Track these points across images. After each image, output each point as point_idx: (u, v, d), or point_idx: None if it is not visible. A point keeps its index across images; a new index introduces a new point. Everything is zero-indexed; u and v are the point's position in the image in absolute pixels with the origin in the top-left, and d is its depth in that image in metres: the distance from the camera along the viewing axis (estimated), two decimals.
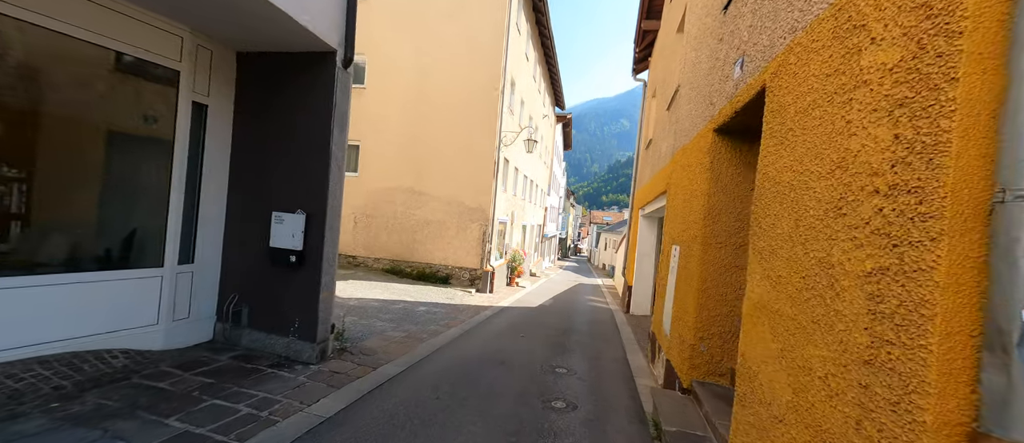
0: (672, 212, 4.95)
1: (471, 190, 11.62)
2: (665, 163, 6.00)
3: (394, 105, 12.07)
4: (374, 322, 6.17)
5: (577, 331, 7.36)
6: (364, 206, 12.25)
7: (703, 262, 3.49)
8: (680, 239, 4.30)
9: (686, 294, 3.75)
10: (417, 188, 11.94)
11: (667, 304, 4.64)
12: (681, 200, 4.46)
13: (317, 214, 4.00)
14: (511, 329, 6.95)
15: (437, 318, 7.10)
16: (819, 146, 1.72)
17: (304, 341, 4.00)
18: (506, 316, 8.21)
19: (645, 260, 9.77)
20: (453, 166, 11.71)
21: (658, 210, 7.60)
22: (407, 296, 8.86)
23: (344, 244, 12.33)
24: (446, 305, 8.54)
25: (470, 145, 11.60)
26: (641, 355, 5.92)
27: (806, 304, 1.69)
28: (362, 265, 12.20)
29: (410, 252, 11.97)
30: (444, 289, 10.69)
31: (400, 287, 9.89)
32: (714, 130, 3.48)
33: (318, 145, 4.00)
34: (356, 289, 8.76)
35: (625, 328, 8.00)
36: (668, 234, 5.09)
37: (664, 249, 5.27)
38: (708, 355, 3.47)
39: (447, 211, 11.77)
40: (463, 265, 11.68)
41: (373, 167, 12.19)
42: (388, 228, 12.10)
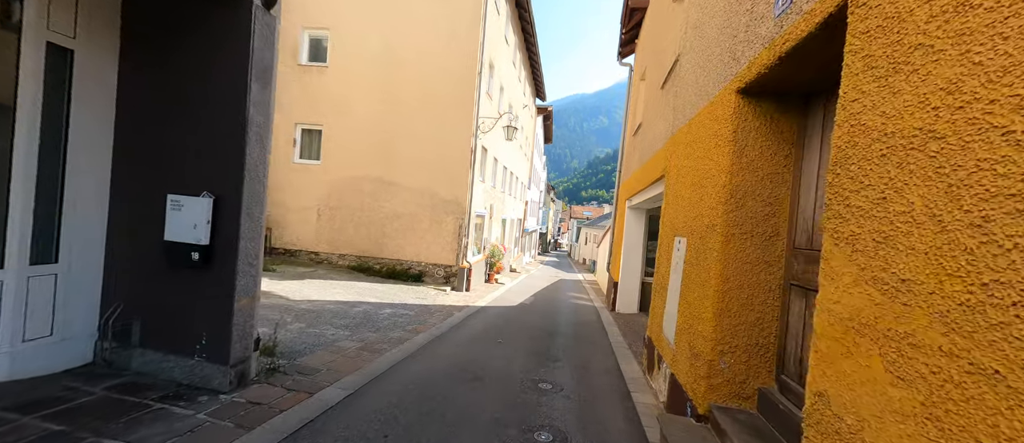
0: (673, 199, 4.25)
1: (446, 180, 10.71)
2: (661, 144, 5.31)
3: (360, 86, 10.97)
4: (325, 330, 5.24)
5: (561, 333, 6.64)
6: (328, 197, 11.14)
7: (724, 257, 2.78)
8: (687, 230, 3.60)
9: (700, 297, 3.05)
10: (386, 178, 10.93)
11: (669, 306, 3.95)
12: (687, 184, 3.75)
13: (230, 197, 3.06)
14: (488, 333, 6.15)
15: (403, 322, 6.21)
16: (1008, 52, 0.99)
17: (214, 363, 3.07)
18: (483, 317, 7.41)
19: (632, 254, 9.16)
20: (426, 154, 10.76)
21: (650, 200, 6.95)
22: (372, 296, 7.91)
23: (305, 239, 11.20)
24: (416, 306, 7.66)
25: (445, 131, 10.67)
26: (635, 362, 5.24)
27: (989, 332, 0.96)
28: (326, 262, 11.11)
29: (379, 248, 10.97)
30: (416, 288, 9.77)
31: (366, 286, 8.91)
32: (738, 91, 2.76)
33: (231, 107, 3.06)
34: (313, 289, 7.74)
35: (612, 328, 7.35)
36: (668, 225, 4.40)
37: (662, 242, 4.58)
38: (730, 373, 2.78)
39: (420, 203, 10.82)
40: (437, 261, 10.78)
41: (337, 154, 11.08)
42: (355, 221, 11.04)
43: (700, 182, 3.34)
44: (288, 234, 11.27)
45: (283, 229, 11.29)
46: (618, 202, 10.81)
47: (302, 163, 11.23)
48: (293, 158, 11.24)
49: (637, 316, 8.75)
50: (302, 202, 11.20)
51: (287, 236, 11.28)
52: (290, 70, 11.11)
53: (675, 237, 4.02)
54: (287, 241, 11.28)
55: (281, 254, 11.25)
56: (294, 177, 11.20)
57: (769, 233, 2.76)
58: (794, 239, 2.64)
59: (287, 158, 11.22)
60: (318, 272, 9.83)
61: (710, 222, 3.00)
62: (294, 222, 11.24)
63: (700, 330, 2.97)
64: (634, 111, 9.50)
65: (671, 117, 4.89)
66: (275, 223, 11.31)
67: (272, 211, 11.29)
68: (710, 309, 2.84)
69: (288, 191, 11.23)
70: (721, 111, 3.01)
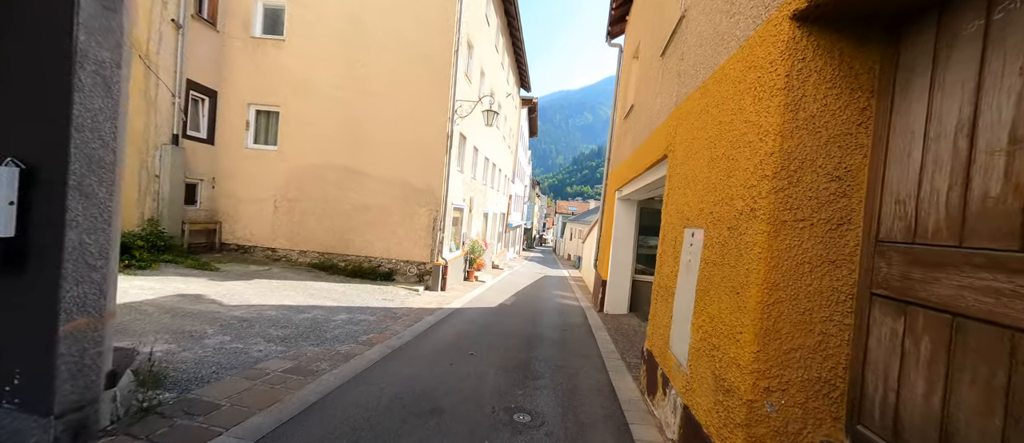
0: (682, 181, 3.43)
1: (419, 168, 9.70)
2: (661, 120, 4.49)
3: (323, 63, 9.82)
4: (254, 344, 4.24)
5: (544, 340, 5.80)
6: (286, 187, 9.98)
7: (771, 255, 1.95)
8: (705, 218, 2.77)
9: (733, 309, 2.22)
10: (353, 165, 9.84)
11: (677, 315, 3.13)
12: (704, 161, 2.92)
13: (48, 167, 2.06)
14: (460, 342, 5.25)
15: (358, 331, 5.25)
16: None
17: (27, 413, 2.08)
18: (457, 321, 6.50)
19: (622, 250, 8.39)
20: (397, 140, 9.72)
21: (645, 188, 6.14)
22: (329, 299, 6.89)
23: (261, 234, 10.03)
24: (379, 310, 6.68)
25: (418, 115, 9.65)
26: (629, 377, 4.43)
27: None
28: (284, 259, 9.98)
29: (344, 243, 9.90)
30: (385, 288, 8.77)
31: (324, 287, 7.87)
32: (794, 17, 1.92)
33: (48, 30, 2.05)
34: (257, 292, 6.67)
35: (601, 333, 6.55)
36: (673, 213, 3.58)
37: (666, 235, 3.76)
38: (779, 420, 1.96)
39: (390, 193, 9.79)
40: (409, 258, 9.79)
41: (297, 139, 9.92)
42: (317, 214, 9.93)
43: (728, 154, 2.50)
44: (241, 228, 10.07)
45: (235, 223, 10.08)
46: (606, 193, 10.03)
47: (257, 149, 10.03)
48: (246, 143, 10.02)
49: (627, 317, 7.99)
50: (257, 192, 10.01)
51: (240, 231, 10.08)
52: (242, 43, 9.86)
53: (685, 229, 3.20)
54: (240, 236, 10.08)
55: (233, 251, 10.05)
56: (248, 164, 10.00)
57: (837, 220, 1.94)
58: (878, 228, 1.83)
59: (239, 143, 9.99)
60: (272, 271, 8.72)
61: (747, 206, 2.17)
62: (248, 215, 10.05)
63: (734, 356, 2.14)
64: (624, 93, 8.70)
65: (675, 86, 4.06)
66: (226, 216, 10.09)
67: (222, 202, 10.07)
68: (750, 328, 2.01)
69: (241, 180, 10.02)
70: (763, 53, 2.16)
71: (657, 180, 4.96)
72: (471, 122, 11.58)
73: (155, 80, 8.16)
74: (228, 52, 9.85)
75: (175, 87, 8.58)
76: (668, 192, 3.86)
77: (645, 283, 8.71)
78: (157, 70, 8.18)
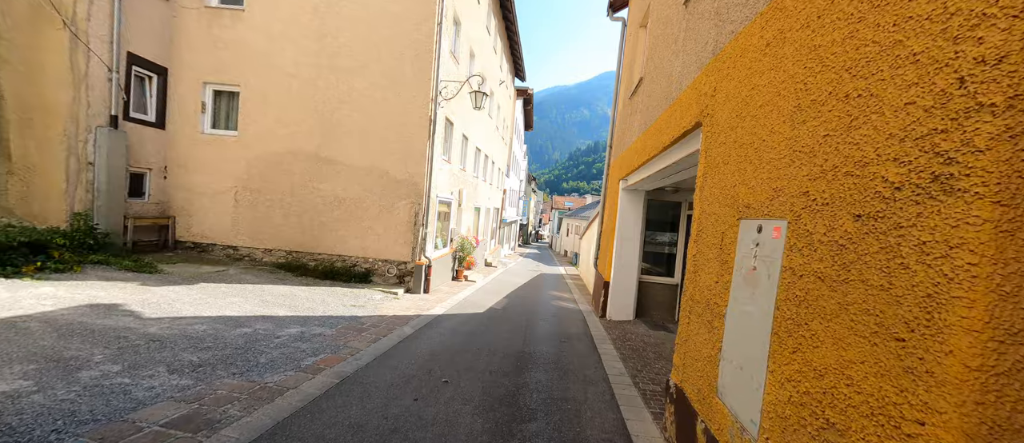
0: (733, 151, 2.40)
1: (399, 156, 8.62)
2: (688, 82, 3.45)
3: (288, 36, 8.67)
4: (147, 379, 3.17)
5: (538, 359, 4.78)
6: (248, 177, 8.85)
7: (1001, 264, 0.93)
8: (785, 203, 1.75)
9: (886, 362, 1.19)
10: (323, 153, 8.73)
11: (733, 348, 2.12)
12: (777, 116, 1.90)
13: None
14: (432, 365, 4.22)
15: (304, 352, 4.20)
16: None
17: None
18: (435, 334, 5.47)
19: (627, 247, 7.38)
20: (374, 124, 8.62)
21: (659, 174, 5.11)
22: (283, 307, 5.83)
23: (220, 230, 8.91)
24: (344, 320, 5.63)
25: (397, 95, 8.55)
26: (648, 414, 3.42)
27: None
28: (247, 258, 8.87)
29: (315, 241, 8.81)
30: (358, 291, 7.71)
31: (285, 292, 6.79)
32: None
33: None
34: (196, 299, 5.59)
35: (606, 347, 5.55)
36: (717, 198, 2.55)
37: (705, 230, 2.74)
38: None
39: (366, 184, 8.70)
40: (388, 257, 8.73)
41: (260, 123, 8.78)
42: (283, 208, 8.82)
43: (848, 92, 1.47)
44: (197, 224, 8.94)
45: (191, 218, 8.94)
46: (608, 184, 9.01)
47: (214, 134, 8.87)
48: (202, 128, 8.87)
49: (633, 325, 7.00)
50: (215, 184, 8.87)
51: (196, 227, 8.94)
52: (196, 14, 8.68)
53: (740, 220, 2.18)
54: (197, 233, 8.95)
55: (189, 249, 8.92)
56: (204, 152, 8.85)
57: None
58: None
59: (194, 127, 8.83)
60: (228, 273, 7.61)
61: (918, 172, 1.14)
62: (205, 209, 8.91)
63: None
64: (630, 69, 7.67)
65: (710, 33, 3.02)
66: (180, 210, 8.94)
67: (175, 195, 8.92)
68: (952, 414, 0.99)
69: (197, 169, 8.87)
70: None
71: (680, 161, 3.93)
72: (459, 108, 10.49)
73: (85, 51, 6.99)
74: (180, 24, 8.66)
75: (112, 60, 7.40)
76: (705, 171, 2.83)
77: (654, 285, 7.72)
78: (87, 39, 7.00)
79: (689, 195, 7.50)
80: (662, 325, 7.09)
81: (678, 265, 7.69)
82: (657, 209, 7.79)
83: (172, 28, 8.63)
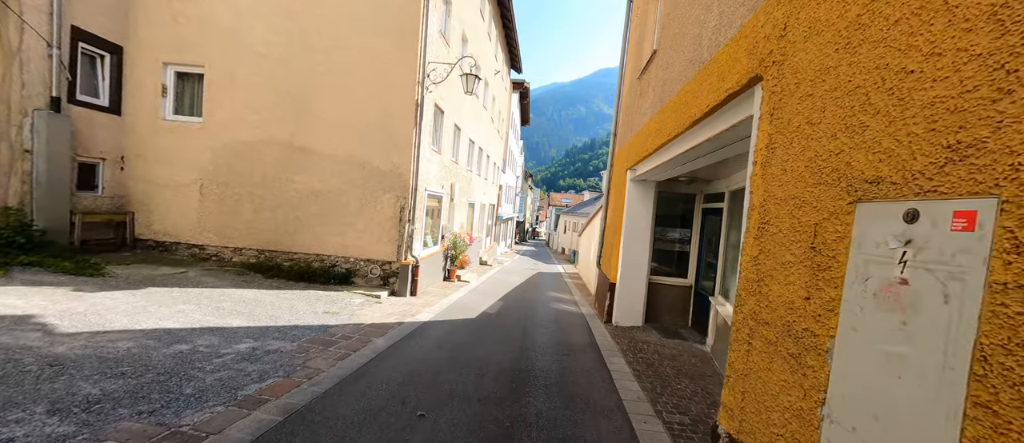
0: (850, 94, 1.61)
1: (381, 145, 7.79)
2: (733, 32, 2.65)
3: (258, 12, 7.79)
4: (11, 422, 2.36)
5: (537, 379, 4.00)
6: (214, 169, 7.98)
7: None
8: (992, 167, 0.95)
9: None
10: (298, 141, 7.88)
11: (843, 405, 1.33)
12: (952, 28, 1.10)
13: None
14: (406, 392, 3.43)
15: (248, 376, 3.39)
16: None
17: None
18: (417, 347, 4.67)
19: (636, 244, 6.61)
20: (353, 109, 7.78)
21: (680, 159, 4.30)
22: (241, 316, 5.00)
23: (185, 227, 8.05)
24: (312, 330, 4.82)
25: (380, 78, 7.71)
26: None
27: None
28: (214, 259, 8.01)
29: (290, 239, 7.97)
30: (336, 294, 6.90)
31: (250, 297, 5.97)
32: None
33: None
34: (137, 309, 4.75)
35: (617, 362, 4.77)
36: (806, 173, 1.77)
37: (772, 222, 1.95)
38: None
39: (346, 176, 7.86)
40: (371, 256, 7.91)
41: (227, 108, 7.91)
42: (255, 202, 7.97)
43: None
44: (159, 220, 8.07)
45: (152, 213, 8.07)
46: (612, 175, 8.23)
47: (177, 121, 7.99)
48: (163, 113, 7.98)
49: (643, 332, 6.24)
50: (178, 175, 8.00)
51: (158, 223, 8.07)
52: None
53: (856, 203, 1.39)
54: (158, 230, 8.08)
55: (151, 248, 8.05)
56: (166, 140, 7.97)
57: None
58: None
59: (154, 112, 7.95)
60: (188, 275, 6.76)
61: None
62: (168, 204, 8.04)
63: None
64: (638, 45, 6.86)
65: None
66: (140, 205, 8.07)
67: (134, 188, 8.05)
68: None
69: (157, 159, 8.00)
70: None
71: (715, 138, 3.13)
72: (450, 94, 9.66)
73: (17, 22, 6.10)
74: None
75: (53, 34, 6.51)
76: (772, 140, 2.03)
77: (665, 287, 6.96)
78: (20, 8, 6.11)
79: (705, 186, 6.73)
80: (675, 332, 6.34)
81: (692, 265, 6.92)
82: (667, 202, 7.02)
83: (127, 1, 7.73)
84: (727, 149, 3.52)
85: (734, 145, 3.34)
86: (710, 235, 6.46)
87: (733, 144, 3.30)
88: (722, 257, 5.64)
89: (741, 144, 3.21)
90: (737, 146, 3.37)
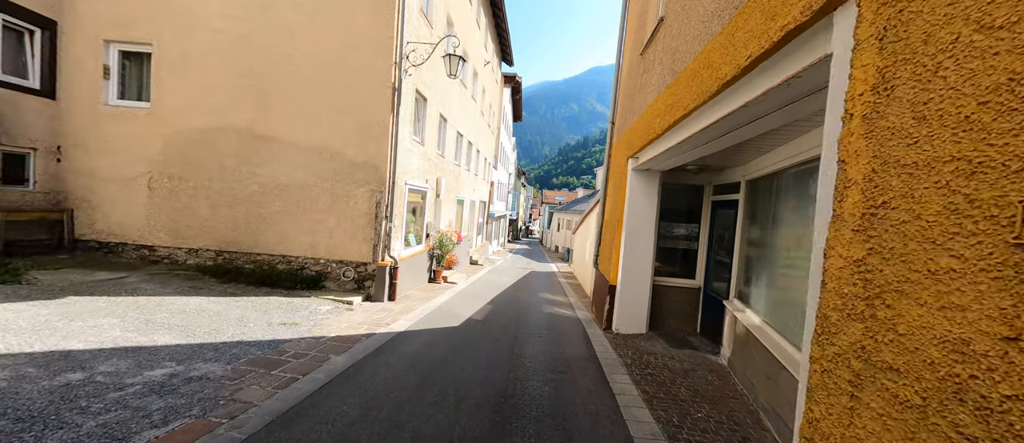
0: None
1: (354, 133, 6.97)
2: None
3: None
4: None
5: (527, 407, 3.25)
6: (165, 160, 7.10)
7: None
8: None
9: None
10: (260, 129, 7.02)
11: None
12: None
13: None
14: (355, 434, 2.65)
15: (148, 417, 2.59)
16: None
17: None
18: (383, 367, 3.90)
19: (639, 243, 5.90)
20: (322, 92, 6.95)
21: (693, 141, 3.58)
22: (171, 332, 4.18)
23: (132, 226, 7.16)
24: (259, 346, 4.02)
25: (351, 57, 6.88)
26: None
27: None
28: (165, 261, 7.13)
29: (252, 238, 7.12)
30: (302, 300, 6.09)
31: (193, 306, 5.13)
32: None
33: None
34: (40, 323, 3.90)
35: (620, 380, 4.04)
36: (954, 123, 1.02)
37: (896, 199, 1.22)
38: None
39: (314, 168, 7.03)
40: (344, 257, 7.10)
41: (179, 92, 7.03)
42: (211, 198, 7.10)
43: None
44: (103, 218, 7.16)
45: (94, 211, 7.16)
46: (610, 166, 7.51)
47: (122, 106, 7.09)
48: (106, 98, 7.07)
49: (649, 341, 5.53)
50: (124, 168, 7.10)
51: (101, 222, 7.17)
52: None
53: None
54: (102, 229, 7.17)
55: (94, 250, 7.14)
56: (109, 128, 7.06)
57: None
58: None
59: (94, 97, 7.03)
60: (125, 281, 5.88)
61: None
62: (113, 199, 7.14)
63: None
64: (640, 17, 6.13)
65: None
66: (81, 201, 7.15)
67: (74, 183, 7.13)
68: None
69: (100, 150, 7.09)
70: None
71: (758, 100, 2.40)
72: (435, 82, 8.86)
73: None
74: None
75: None
76: (900, 75, 1.29)
77: (671, 289, 6.25)
78: None
79: (715, 175, 6.03)
80: (683, 340, 5.64)
81: (700, 264, 6.23)
82: (672, 195, 6.31)
83: None
84: (763, 121, 2.79)
85: (776, 114, 2.61)
86: (721, 231, 5.77)
87: (776, 111, 2.56)
88: (738, 255, 4.95)
89: (792, 109, 2.48)
90: (777, 116, 2.65)
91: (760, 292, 4.16)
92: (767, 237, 4.22)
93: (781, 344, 3.40)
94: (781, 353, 3.31)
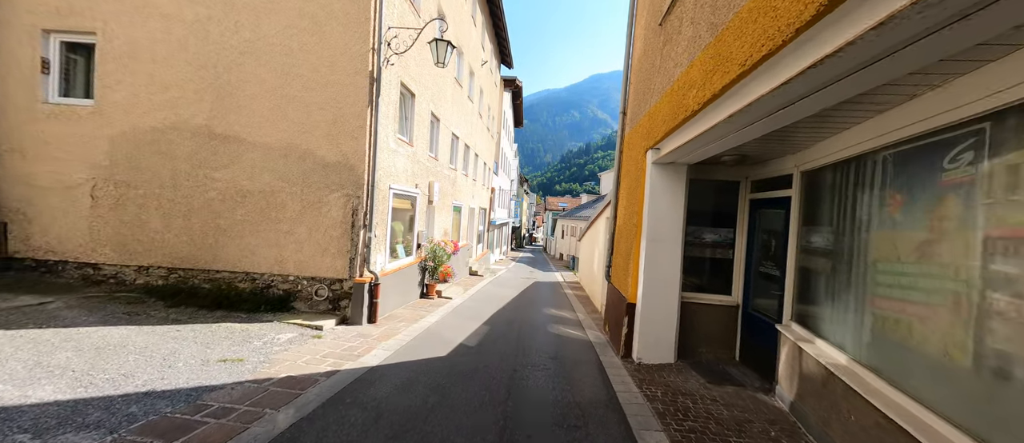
0: None
1: (327, 129, 6.04)
2: None
3: None
4: None
5: None
6: (110, 165, 6.19)
7: None
8: None
9: None
10: (219, 127, 6.11)
11: None
12: None
13: None
14: None
15: None
16: None
17: None
18: (335, 423, 2.89)
19: (664, 252, 4.87)
20: (290, 84, 6.03)
21: (744, 115, 2.56)
22: (55, 382, 3.19)
23: (74, 240, 6.22)
24: (172, 399, 3.02)
25: (322, 43, 5.98)
26: None
27: None
28: (111, 280, 6.18)
29: (211, 253, 6.15)
30: (260, 327, 5.10)
31: (113, 339, 4.15)
32: None
33: None
34: None
35: (654, 440, 3.00)
36: None
37: None
38: None
39: (281, 171, 6.09)
40: (316, 273, 6.11)
41: (127, 87, 6.14)
42: (164, 208, 6.16)
43: None
44: (42, 233, 6.24)
45: (31, 224, 6.24)
46: (623, 161, 6.51)
47: (62, 104, 6.21)
48: (44, 95, 6.20)
49: (680, 376, 4.46)
50: (64, 174, 6.19)
51: (38, 237, 6.24)
52: None
53: None
54: (40, 245, 6.25)
55: (29, 269, 6.21)
56: (49, 129, 6.18)
57: None
58: None
59: (31, 94, 6.16)
60: (45, 309, 4.91)
61: None
62: (52, 211, 6.23)
63: None
64: None
65: None
66: (15, 213, 6.24)
67: (8, 191, 6.23)
68: None
69: (38, 155, 6.20)
70: None
71: (880, 31, 1.39)
72: (424, 77, 7.95)
73: None
74: None
75: None
76: None
77: (702, 307, 5.19)
78: None
79: (754, 170, 4.99)
80: (722, 372, 4.57)
81: (737, 277, 5.18)
82: (698, 194, 5.30)
83: None
84: (899, 58, 1.78)
85: (926, 42, 1.61)
86: (765, 236, 4.73)
87: (931, 34, 1.55)
88: (792, 267, 3.91)
89: (964, 29, 1.47)
90: (923, 48, 1.64)
91: (843, 318, 3.11)
92: (845, 244, 3.19)
93: (899, 402, 2.36)
94: (903, 415, 2.26)
